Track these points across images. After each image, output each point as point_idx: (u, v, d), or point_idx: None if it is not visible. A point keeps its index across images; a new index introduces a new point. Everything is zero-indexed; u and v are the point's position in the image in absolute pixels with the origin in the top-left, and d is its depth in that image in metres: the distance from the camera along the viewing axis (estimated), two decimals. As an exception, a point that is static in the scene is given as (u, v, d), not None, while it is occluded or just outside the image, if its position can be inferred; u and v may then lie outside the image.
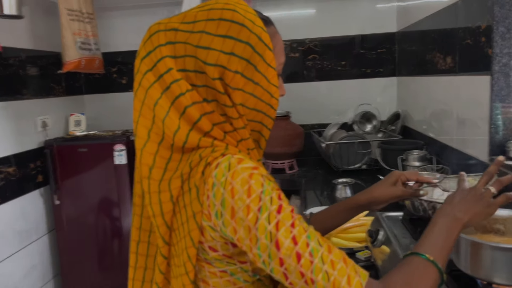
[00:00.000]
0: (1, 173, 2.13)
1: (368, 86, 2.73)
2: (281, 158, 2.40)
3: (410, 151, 1.85)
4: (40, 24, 2.43)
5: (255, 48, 0.72)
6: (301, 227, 0.65)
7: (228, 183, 0.66)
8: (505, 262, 0.75)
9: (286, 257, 0.63)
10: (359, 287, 0.63)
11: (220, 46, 0.70)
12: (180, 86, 0.70)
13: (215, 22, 0.71)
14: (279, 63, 0.79)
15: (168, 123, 0.70)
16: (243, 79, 0.72)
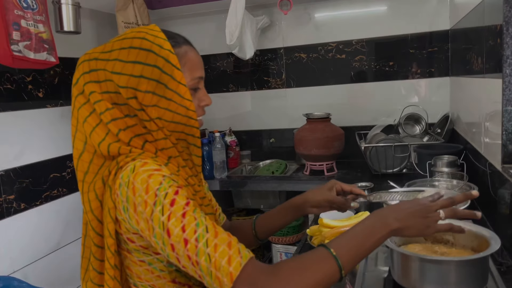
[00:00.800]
0: (69, 167, 2.45)
1: (419, 86, 2.63)
2: (318, 160, 2.42)
3: (440, 156, 1.77)
4: (105, 35, 2.73)
5: (162, 69, 0.82)
6: (192, 217, 0.73)
7: (130, 183, 0.77)
8: (433, 273, 0.74)
9: (176, 243, 0.71)
10: (238, 266, 0.69)
11: (130, 70, 0.82)
12: (100, 106, 0.84)
13: (126, 50, 0.83)
14: (192, 78, 0.89)
15: (94, 137, 0.84)
16: (156, 96, 0.82)
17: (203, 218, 0.74)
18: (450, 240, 0.85)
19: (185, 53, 0.88)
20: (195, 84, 0.90)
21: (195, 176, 0.95)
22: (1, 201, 2.01)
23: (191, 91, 0.89)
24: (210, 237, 0.71)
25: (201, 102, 0.93)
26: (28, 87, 2.18)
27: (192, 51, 0.91)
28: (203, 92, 0.93)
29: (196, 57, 0.91)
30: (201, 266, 0.70)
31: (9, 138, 2.07)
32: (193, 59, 0.90)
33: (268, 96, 2.93)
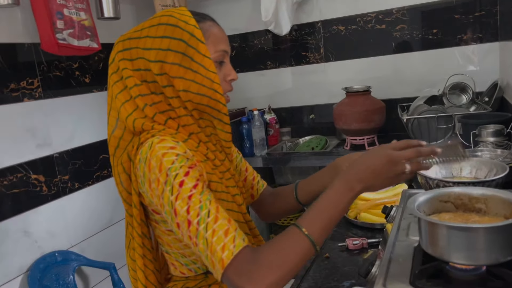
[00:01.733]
0: (117, 148, 2.58)
1: (465, 54, 2.50)
2: (359, 134, 2.38)
3: (485, 126, 1.69)
4: (143, 19, 2.79)
5: (188, 42, 0.86)
6: (197, 199, 0.77)
7: (147, 159, 0.82)
8: (461, 241, 0.73)
9: (180, 223, 0.78)
10: (229, 255, 0.74)
11: (158, 44, 0.87)
12: (130, 82, 0.90)
13: (154, 27, 0.89)
14: (216, 50, 0.91)
15: (122, 112, 0.90)
16: (182, 68, 0.86)
17: (208, 201, 0.78)
18: (483, 208, 0.83)
19: (209, 27, 0.92)
20: (220, 57, 0.93)
21: (220, 152, 0.98)
22: (57, 181, 2.16)
23: (216, 64, 0.92)
24: (210, 222, 0.76)
25: (227, 77, 0.95)
26: (76, 73, 2.30)
27: (216, 26, 0.94)
28: (228, 67, 0.95)
29: (220, 32, 0.94)
30: (199, 248, 0.76)
31: (61, 122, 2.21)
32: (216, 33, 0.93)
33: (307, 71, 2.90)
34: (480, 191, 0.83)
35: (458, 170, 1.15)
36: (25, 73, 2.02)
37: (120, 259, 2.52)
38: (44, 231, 2.08)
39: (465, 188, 0.86)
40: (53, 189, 2.14)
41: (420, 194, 0.87)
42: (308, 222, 0.79)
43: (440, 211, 0.87)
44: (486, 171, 1.10)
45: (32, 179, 2.03)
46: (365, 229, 1.37)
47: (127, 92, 0.90)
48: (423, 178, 1.06)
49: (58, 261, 2.10)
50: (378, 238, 1.27)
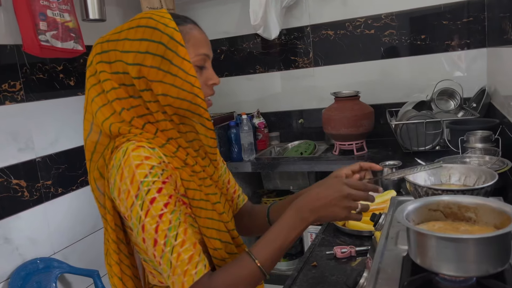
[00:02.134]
0: (102, 153, 2.53)
1: (453, 60, 2.50)
2: (347, 140, 2.37)
3: (473, 132, 1.69)
4: (132, 22, 2.76)
5: (167, 45, 0.84)
6: (167, 219, 0.78)
7: (120, 167, 0.80)
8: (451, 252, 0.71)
9: (147, 239, 0.78)
10: (190, 281, 0.77)
11: (137, 47, 0.85)
12: (107, 85, 0.87)
13: (133, 29, 0.86)
14: (197, 54, 0.89)
15: (98, 115, 0.87)
16: (161, 72, 0.84)
17: (178, 222, 0.79)
18: (472, 217, 0.81)
19: (190, 30, 0.90)
20: (200, 61, 0.90)
21: (202, 158, 0.95)
22: (40, 186, 2.11)
23: (197, 68, 0.90)
24: (176, 245, 0.78)
25: (208, 81, 0.93)
26: (60, 76, 2.25)
27: (197, 29, 0.92)
28: (210, 71, 0.93)
29: (201, 35, 0.92)
30: (162, 268, 0.79)
31: (44, 126, 2.16)
32: (197, 36, 0.90)
33: (296, 76, 2.89)
34: (470, 199, 0.82)
35: (447, 177, 1.14)
36: (7, 76, 1.97)
37: (104, 266, 2.46)
38: (26, 238, 2.03)
39: (455, 196, 0.84)
40: (35, 194, 2.08)
41: (409, 203, 0.85)
42: (258, 250, 0.83)
43: (429, 219, 0.85)
44: (475, 178, 1.08)
45: (13, 184, 1.97)
46: (353, 236, 1.35)
47: (104, 96, 0.87)
48: (412, 185, 1.05)
49: (40, 269, 2.04)
50: (366, 246, 1.25)
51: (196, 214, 0.89)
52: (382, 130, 2.57)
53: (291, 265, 2.67)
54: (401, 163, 1.68)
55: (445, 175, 1.14)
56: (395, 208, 1.20)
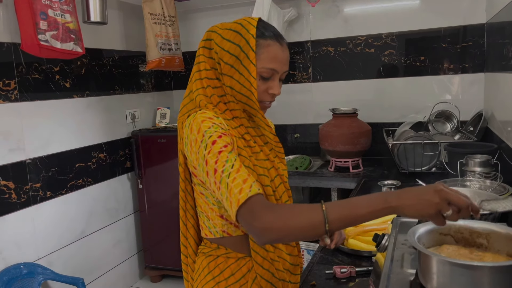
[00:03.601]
0: (94, 157, 2.48)
1: (451, 83, 2.52)
2: (344, 157, 2.36)
3: (472, 155, 1.69)
4: (132, 26, 2.74)
5: (242, 48, 1.00)
6: (225, 155, 0.90)
7: (190, 124, 0.97)
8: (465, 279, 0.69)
9: (209, 171, 0.91)
10: (244, 196, 0.85)
11: (223, 45, 1.02)
12: (201, 65, 1.06)
13: (227, 30, 1.04)
14: (264, 66, 1.02)
15: (193, 86, 1.06)
16: (232, 69, 1.01)
17: (234, 158, 0.91)
18: (484, 243, 0.79)
19: (267, 46, 1.01)
20: (265, 73, 1.02)
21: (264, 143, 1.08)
22: (28, 189, 2.05)
23: (263, 77, 1.02)
24: (232, 171, 0.88)
25: (269, 89, 1.05)
26: (56, 77, 2.21)
27: (276, 46, 1.02)
28: (274, 83, 1.05)
29: (276, 52, 1.02)
30: (221, 191, 0.88)
31: (37, 127, 2.10)
32: (272, 52, 1.02)
33: (294, 90, 2.88)
34: (482, 225, 0.80)
35: (452, 201, 1.12)
36: (2, 74, 1.92)
37: (89, 274, 2.39)
38: (10, 241, 1.96)
39: (467, 221, 0.82)
40: (23, 197, 2.02)
41: (420, 226, 0.83)
42: (332, 204, 0.83)
43: (440, 244, 0.83)
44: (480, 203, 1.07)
45: (1, 185, 1.91)
46: (352, 256, 1.32)
47: (198, 74, 1.06)
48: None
49: (23, 274, 1.97)
50: (365, 267, 1.22)
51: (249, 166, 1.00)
52: (378, 148, 2.57)
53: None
54: (400, 183, 1.67)
55: (450, 198, 1.12)
56: (398, 230, 1.18)
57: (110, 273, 2.58)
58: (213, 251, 1.06)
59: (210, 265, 1.05)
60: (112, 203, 2.61)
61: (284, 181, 1.09)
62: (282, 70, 1.05)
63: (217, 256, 1.05)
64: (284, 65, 1.05)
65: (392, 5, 2.58)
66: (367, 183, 2.16)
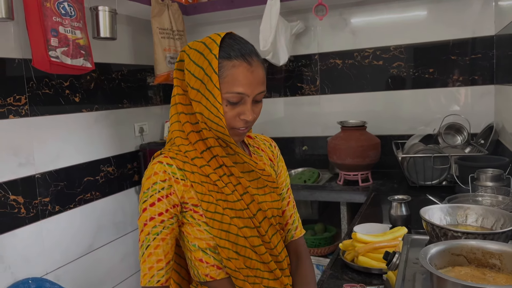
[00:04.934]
0: (102, 171, 2.49)
1: (460, 95, 2.50)
2: (353, 170, 2.34)
3: (484, 169, 1.66)
4: (140, 41, 2.76)
5: (205, 71, 0.92)
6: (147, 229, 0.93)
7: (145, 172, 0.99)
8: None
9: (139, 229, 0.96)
10: (143, 282, 0.92)
11: (190, 68, 0.95)
12: (175, 90, 1.00)
13: (194, 51, 0.96)
14: (229, 91, 0.92)
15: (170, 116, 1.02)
16: (199, 94, 0.94)
17: (152, 237, 0.92)
18: (497, 264, 0.77)
19: (232, 67, 0.92)
20: (232, 98, 0.92)
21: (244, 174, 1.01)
22: (37, 203, 2.06)
23: (231, 102, 0.93)
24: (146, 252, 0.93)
25: (240, 115, 0.95)
26: (66, 92, 2.23)
27: (243, 68, 0.91)
28: (245, 107, 0.94)
29: (244, 74, 0.91)
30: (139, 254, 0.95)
31: (46, 141, 2.12)
32: (236, 75, 0.91)
33: (302, 102, 2.88)
34: (495, 246, 0.78)
35: (463, 217, 1.10)
36: (13, 89, 1.94)
37: (97, 288, 2.38)
38: (19, 256, 1.96)
39: (480, 242, 0.80)
40: (32, 211, 2.03)
41: (431, 246, 0.82)
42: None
43: (452, 264, 0.81)
44: (493, 221, 1.05)
45: (10, 200, 1.92)
46: (362, 273, 1.30)
47: (173, 99, 1.00)
48: (429, 225, 1.01)
49: (31, 289, 1.97)
50: (376, 285, 1.20)
51: (209, 224, 0.96)
52: (387, 161, 2.54)
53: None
54: (410, 198, 1.64)
55: (462, 215, 1.10)
56: (409, 247, 1.16)
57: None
58: None
59: None
60: (119, 217, 2.61)
61: (269, 217, 1.03)
62: (253, 93, 0.93)
63: None
64: (256, 87, 0.93)
65: (400, 17, 2.58)
66: (376, 197, 2.14)
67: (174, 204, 0.94)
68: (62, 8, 1.80)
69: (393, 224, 1.61)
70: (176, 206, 0.95)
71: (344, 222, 2.34)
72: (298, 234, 1.15)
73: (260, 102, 0.98)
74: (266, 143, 1.17)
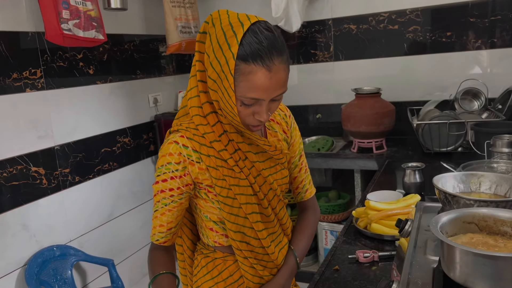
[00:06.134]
0: (119, 142, 2.53)
1: (479, 58, 2.44)
2: (367, 137, 2.33)
3: (500, 136, 1.64)
4: (151, 10, 2.74)
5: (222, 68, 0.87)
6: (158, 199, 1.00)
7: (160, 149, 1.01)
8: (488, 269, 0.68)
9: None
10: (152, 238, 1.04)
11: (210, 54, 0.89)
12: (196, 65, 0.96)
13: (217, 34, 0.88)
14: (243, 95, 0.87)
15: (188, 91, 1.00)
16: (215, 84, 0.90)
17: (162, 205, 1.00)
18: (509, 231, 0.78)
19: (248, 73, 0.85)
20: (246, 101, 0.88)
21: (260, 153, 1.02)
22: (58, 174, 2.12)
23: (244, 104, 0.89)
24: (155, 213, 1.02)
25: (255, 115, 0.91)
26: (80, 64, 2.25)
27: (261, 74, 0.84)
28: (261, 109, 0.90)
29: (262, 81, 0.85)
30: None
31: (63, 114, 2.16)
32: (253, 81, 0.85)
33: (315, 70, 2.85)
34: (508, 214, 0.79)
35: (477, 185, 1.10)
36: (28, 63, 1.97)
37: (118, 255, 2.48)
38: (43, 225, 2.04)
39: (492, 209, 0.81)
40: (53, 182, 2.09)
41: (443, 214, 0.83)
42: None
43: (463, 232, 0.82)
44: (507, 188, 1.05)
45: (32, 171, 1.98)
46: (375, 240, 1.32)
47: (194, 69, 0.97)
48: (442, 193, 1.01)
49: (56, 256, 2.06)
50: (388, 252, 1.23)
51: (221, 207, 0.99)
52: (402, 128, 2.52)
53: (304, 261, 2.66)
54: (424, 165, 1.64)
55: (475, 183, 1.10)
56: (421, 214, 1.17)
57: (138, 254, 2.66)
58: (211, 254, 1.08)
59: (209, 266, 1.08)
60: (137, 186, 2.68)
61: (277, 194, 1.06)
62: (270, 97, 0.88)
63: (215, 258, 1.07)
64: (274, 92, 0.88)
65: (417, -21, 2.49)
66: (391, 164, 2.14)
67: (187, 184, 0.98)
68: (72, -21, 1.79)
69: (407, 192, 1.62)
70: (189, 185, 0.99)
71: (358, 190, 2.35)
72: (307, 195, 1.18)
73: (278, 100, 0.93)
74: (281, 113, 1.12)
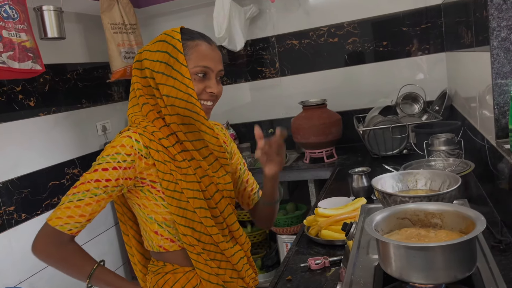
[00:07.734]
0: (68, 174, 2.45)
1: (415, 64, 2.57)
2: (317, 148, 2.39)
3: (437, 135, 1.73)
4: (93, 38, 2.70)
5: (171, 54, 1.03)
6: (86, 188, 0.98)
7: None
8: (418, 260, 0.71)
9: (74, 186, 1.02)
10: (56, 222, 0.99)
11: (152, 57, 1.04)
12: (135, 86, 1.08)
13: (154, 44, 1.07)
14: (196, 65, 1.04)
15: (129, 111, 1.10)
16: (164, 76, 1.03)
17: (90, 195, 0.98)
18: (439, 223, 0.82)
19: (196, 45, 1.05)
20: (199, 71, 1.04)
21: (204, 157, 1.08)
22: (2, 213, 2.02)
23: (198, 76, 1.04)
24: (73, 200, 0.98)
25: (207, 88, 1.06)
26: (19, 97, 2.17)
27: (204, 45, 1.05)
28: (211, 82, 1.06)
29: (207, 51, 1.05)
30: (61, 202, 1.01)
31: (4, 149, 2.07)
32: (201, 51, 1.04)
33: (264, 86, 2.90)
34: (435, 206, 0.83)
35: (414, 183, 1.15)
36: (-38, 99, 1.88)
37: (75, 291, 2.37)
38: (-11, 268, 1.93)
39: (421, 204, 0.85)
40: (-2, 221, 1.99)
41: (377, 213, 0.86)
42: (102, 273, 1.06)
43: (398, 228, 0.86)
44: (440, 183, 1.10)
45: (-28, 212, 1.88)
46: (327, 246, 1.34)
47: (133, 92, 1.08)
48: (380, 193, 1.05)
49: (6, 300, 1.95)
50: (340, 256, 1.25)
51: (168, 202, 1.03)
52: (350, 136, 2.60)
53: (268, 277, 2.65)
54: (369, 169, 1.70)
55: (412, 181, 1.15)
56: (365, 216, 1.21)
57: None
58: (160, 269, 1.09)
59: (159, 283, 1.08)
60: (91, 218, 2.59)
61: (225, 196, 1.12)
62: (216, 69, 1.07)
63: (165, 273, 1.08)
64: (217, 64, 1.07)
65: (350, -7, 2.61)
66: (341, 171, 2.19)
67: (127, 177, 1.00)
68: (4, 11, 1.74)
69: (356, 196, 1.66)
70: (128, 179, 1.01)
71: (313, 199, 2.39)
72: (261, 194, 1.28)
73: (220, 83, 1.10)
74: (218, 127, 1.25)
